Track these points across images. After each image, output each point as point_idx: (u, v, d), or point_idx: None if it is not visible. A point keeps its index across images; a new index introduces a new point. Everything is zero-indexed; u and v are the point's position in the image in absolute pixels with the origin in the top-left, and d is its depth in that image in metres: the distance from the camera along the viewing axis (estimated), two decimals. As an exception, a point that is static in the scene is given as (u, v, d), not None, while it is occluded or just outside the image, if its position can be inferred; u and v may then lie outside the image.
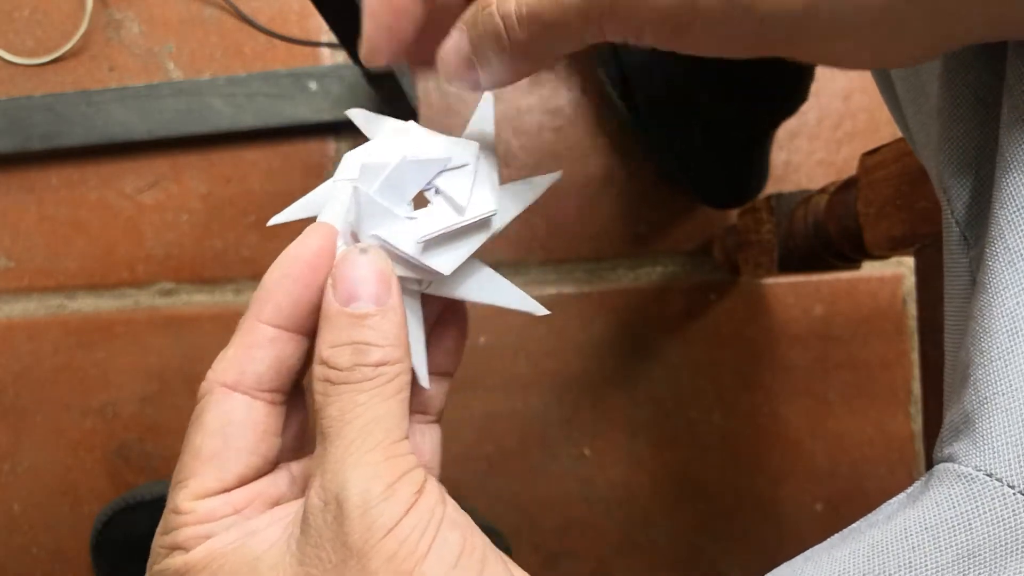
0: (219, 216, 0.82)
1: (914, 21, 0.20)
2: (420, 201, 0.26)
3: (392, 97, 0.76)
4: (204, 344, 0.82)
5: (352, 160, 0.27)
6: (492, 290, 0.27)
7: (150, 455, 0.82)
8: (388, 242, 0.25)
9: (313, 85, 0.80)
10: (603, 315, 0.81)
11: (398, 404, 0.24)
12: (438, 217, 0.25)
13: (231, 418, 0.24)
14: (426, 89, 0.82)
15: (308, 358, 0.26)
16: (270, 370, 0.25)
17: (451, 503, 0.24)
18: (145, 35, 0.84)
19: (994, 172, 0.23)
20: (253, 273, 0.82)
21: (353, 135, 0.82)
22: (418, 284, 0.26)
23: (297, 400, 0.28)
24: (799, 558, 0.23)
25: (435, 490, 0.23)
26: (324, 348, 0.24)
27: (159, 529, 0.24)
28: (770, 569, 0.23)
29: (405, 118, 0.28)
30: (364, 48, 0.26)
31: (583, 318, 0.81)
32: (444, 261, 0.25)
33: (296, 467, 0.27)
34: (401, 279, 0.25)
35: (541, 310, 0.27)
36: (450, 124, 0.81)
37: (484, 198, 0.26)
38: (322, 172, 0.82)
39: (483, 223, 0.26)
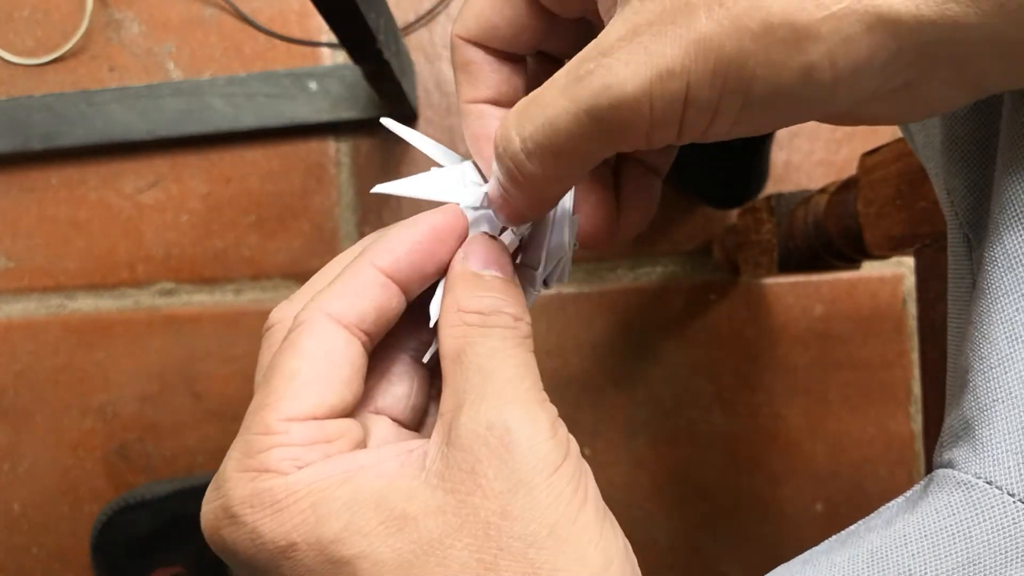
0: (219, 216, 0.82)
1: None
2: None
3: (392, 97, 0.75)
4: (204, 344, 0.82)
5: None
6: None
7: (150, 455, 0.82)
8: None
9: (313, 85, 0.80)
10: (603, 315, 0.81)
11: (534, 361, 0.24)
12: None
13: (333, 346, 0.24)
14: (427, 89, 0.82)
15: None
16: (374, 312, 0.24)
17: None
18: (145, 35, 0.84)
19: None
20: (253, 273, 0.82)
21: (353, 135, 0.82)
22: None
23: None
24: (797, 560, 0.23)
25: (576, 445, 0.23)
26: (464, 298, 0.24)
27: (235, 453, 0.23)
28: (770, 570, 0.23)
29: (405, 118, 0.29)
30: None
31: (583, 318, 0.81)
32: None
33: (360, 421, 0.26)
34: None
35: None
36: (450, 124, 0.81)
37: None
38: (322, 172, 0.82)
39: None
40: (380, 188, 0.27)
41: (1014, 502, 0.20)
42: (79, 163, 0.83)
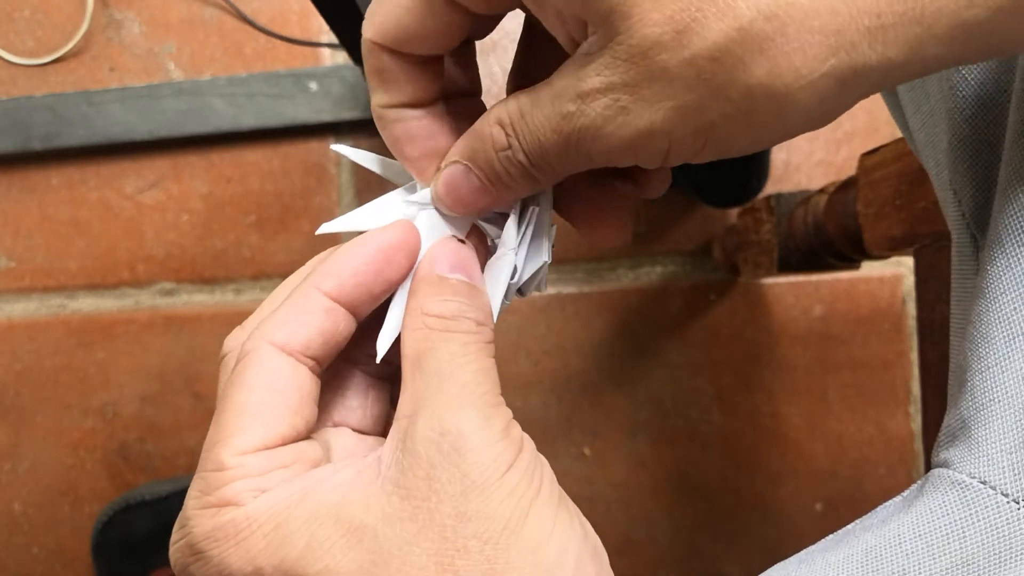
0: (219, 216, 0.82)
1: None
2: None
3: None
4: (204, 344, 0.82)
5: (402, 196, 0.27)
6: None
7: (150, 455, 0.82)
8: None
9: (313, 85, 0.80)
10: (603, 315, 0.81)
11: (494, 366, 0.24)
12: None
13: (278, 375, 0.24)
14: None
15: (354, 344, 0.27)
16: (319, 337, 0.24)
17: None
18: (145, 35, 0.84)
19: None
20: (253, 273, 0.82)
21: (353, 136, 0.82)
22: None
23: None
24: (793, 559, 0.23)
25: (532, 442, 0.24)
26: (428, 302, 0.24)
27: (194, 492, 0.23)
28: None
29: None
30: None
31: (583, 318, 0.81)
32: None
33: (319, 437, 0.26)
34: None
35: None
36: (450, 124, 0.81)
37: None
38: (323, 172, 0.82)
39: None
40: (325, 228, 0.26)
41: (1007, 502, 0.20)
42: (79, 163, 0.83)
